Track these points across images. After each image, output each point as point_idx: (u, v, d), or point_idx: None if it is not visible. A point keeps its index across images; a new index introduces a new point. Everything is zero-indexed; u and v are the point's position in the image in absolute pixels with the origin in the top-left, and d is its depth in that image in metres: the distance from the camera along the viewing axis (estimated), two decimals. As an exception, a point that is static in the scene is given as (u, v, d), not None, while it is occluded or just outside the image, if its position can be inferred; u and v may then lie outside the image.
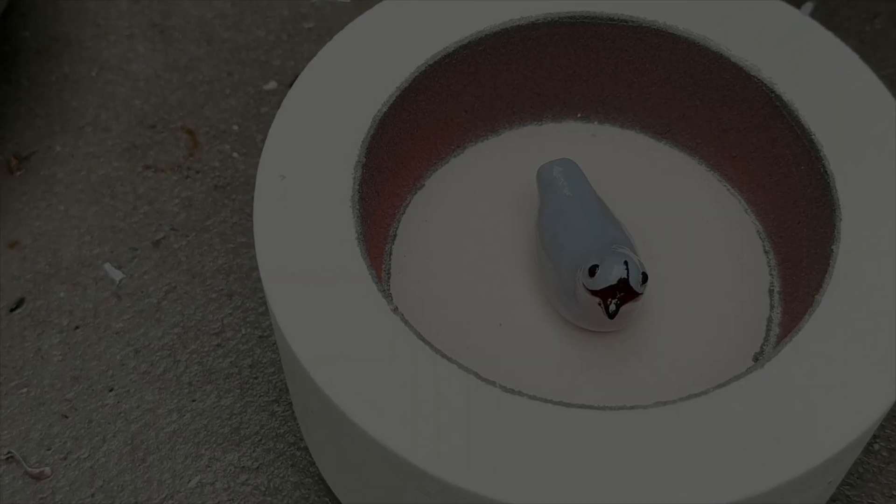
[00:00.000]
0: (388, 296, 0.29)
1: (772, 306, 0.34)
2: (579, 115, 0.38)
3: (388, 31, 0.35)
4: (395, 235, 0.36)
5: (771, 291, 0.34)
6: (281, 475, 0.37)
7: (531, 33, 0.35)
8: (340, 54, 0.34)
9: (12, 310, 0.41)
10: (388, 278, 0.34)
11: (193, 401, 0.38)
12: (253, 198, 0.43)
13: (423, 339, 0.28)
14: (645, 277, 0.30)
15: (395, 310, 0.29)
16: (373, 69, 0.34)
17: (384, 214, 0.35)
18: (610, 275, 0.30)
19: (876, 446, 0.37)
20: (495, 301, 0.34)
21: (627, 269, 0.30)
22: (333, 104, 0.33)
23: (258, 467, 0.37)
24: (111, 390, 0.39)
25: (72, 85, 0.47)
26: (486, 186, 0.37)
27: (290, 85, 0.47)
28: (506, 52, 0.35)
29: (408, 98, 0.34)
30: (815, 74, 0.33)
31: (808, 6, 0.49)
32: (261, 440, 0.37)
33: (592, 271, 0.30)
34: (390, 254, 0.35)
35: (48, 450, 0.37)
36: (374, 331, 0.28)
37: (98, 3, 0.50)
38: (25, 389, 0.39)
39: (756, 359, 0.32)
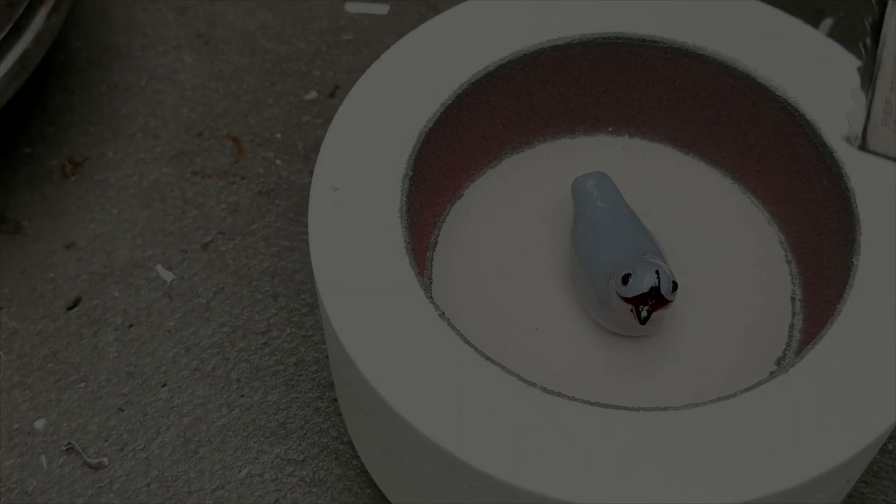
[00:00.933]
0: (434, 302, 0.31)
1: (794, 313, 0.36)
2: (610, 130, 0.40)
3: (432, 49, 0.37)
4: (435, 244, 0.38)
5: (793, 299, 0.36)
6: (325, 468, 0.39)
7: (567, 52, 0.37)
8: (388, 71, 0.36)
9: (69, 308, 0.43)
10: (430, 284, 0.36)
11: (242, 396, 0.41)
12: (296, 203, 0.46)
13: (469, 343, 0.30)
14: (675, 286, 0.32)
15: (442, 315, 0.31)
16: (418, 86, 0.36)
17: (425, 224, 0.37)
18: (642, 283, 0.32)
19: (890, 446, 0.39)
20: (531, 306, 0.36)
21: (659, 277, 0.32)
22: (381, 119, 0.35)
23: (303, 460, 0.39)
24: (164, 386, 0.41)
25: (122, 93, 0.49)
26: (522, 197, 0.39)
27: (331, 95, 0.49)
28: (543, 70, 0.37)
29: (451, 114, 0.36)
30: (836, 93, 0.35)
31: (827, 22, 0.51)
32: (306, 434, 0.40)
33: (625, 280, 0.32)
34: (431, 261, 0.37)
35: (105, 441, 0.40)
36: (422, 335, 0.30)
37: (147, 15, 0.52)
38: (83, 384, 0.41)
39: (779, 363, 0.34)
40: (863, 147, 0.27)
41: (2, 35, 0.40)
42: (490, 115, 0.37)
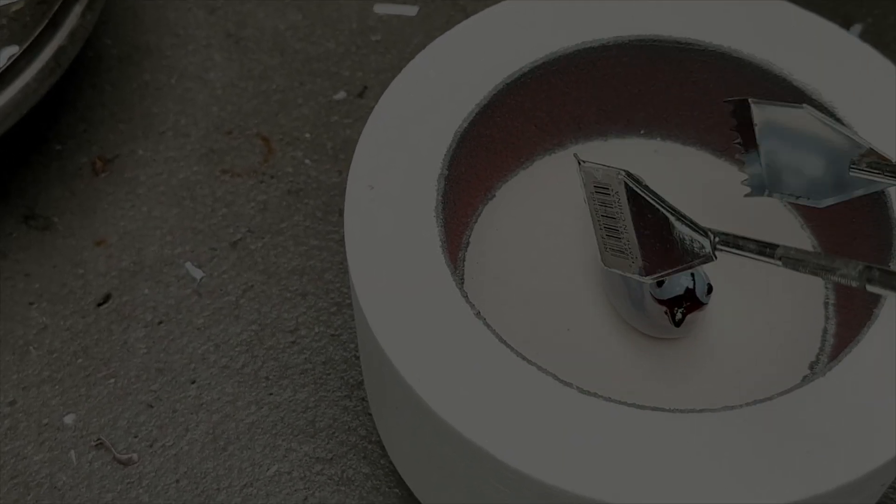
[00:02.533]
0: (470, 302, 0.31)
1: (827, 318, 0.35)
2: (642, 132, 0.40)
3: (466, 50, 0.37)
4: (467, 243, 0.38)
5: (826, 304, 0.36)
6: (353, 466, 0.39)
7: (601, 55, 0.37)
8: (423, 71, 0.36)
9: (100, 304, 0.43)
10: (462, 283, 0.36)
11: (270, 394, 0.41)
12: (324, 202, 0.46)
13: (505, 343, 0.30)
14: (710, 288, 0.32)
15: (478, 314, 0.31)
16: (453, 87, 0.36)
17: (458, 223, 0.37)
18: (677, 285, 0.32)
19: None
20: (562, 306, 0.36)
21: (694, 280, 0.32)
22: (417, 119, 0.35)
23: (332, 458, 0.39)
24: (193, 382, 0.41)
25: (153, 91, 0.49)
26: (553, 198, 0.39)
27: (359, 95, 0.49)
28: (576, 72, 0.37)
29: (485, 115, 0.36)
30: (870, 97, 0.35)
31: (857, 28, 0.51)
32: (334, 433, 0.40)
33: (660, 282, 0.32)
34: (463, 260, 0.37)
35: (135, 437, 0.40)
36: (458, 334, 0.30)
37: (177, 14, 0.52)
38: (113, 380, 0.41)
39: (812, 368, 0.34)
40: (605, 266, 0.33)
41: (37, 31, 0.40)
42: (523, 116, 0.37)
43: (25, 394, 0.41)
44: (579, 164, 0.33)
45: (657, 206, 0.30)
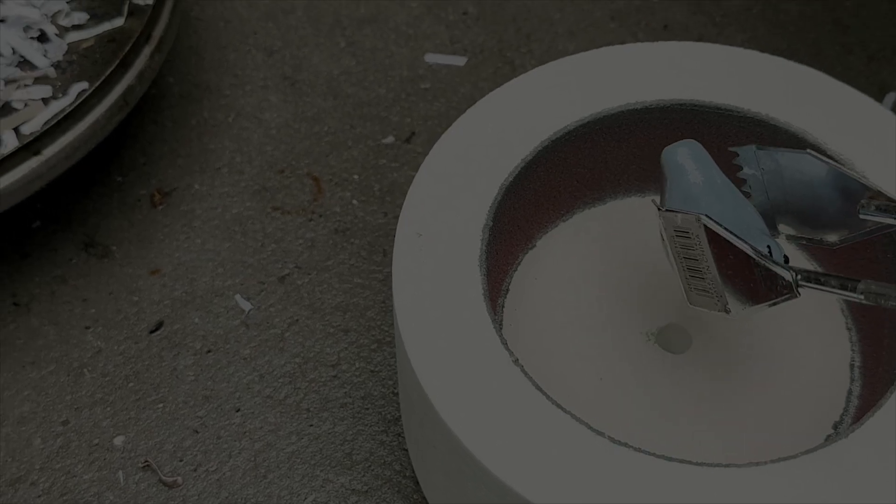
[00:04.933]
0: (509, 349, 0.32)
1: (852, 379, 0.37)
2: (680, 190, 0.41)
3: (515, 106, 0.39)
4: (507, 290, 0.39)
5: (852, 365, 0.37)
6: (388, 499, 0.40)
7: (644, 116, 0.39)
8: (473, 125, 0.38)
9: (152, 331, 0.45)
10: (500, 329, 0.38)
11: (311, 425, 0.42)
12: (369, 242, 0.48)
13: (541, 390, 0.31)
14: (787, 259, 0.32)
15: (516, 361, 0.32)
16: (501, 141, 0.37)
17: (499, 271, 0.39)
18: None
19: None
20: (596, 355, 0.37)
21: (770, 251, 0.32)
22: (465, 171, 0.37)
23: (367, 491, 0.41)
24: (238, 411, 0.43)
25: (210, 129, 0.52)
26: (591, 250, 0.40)
27: (407, 140, 0.51)
28: (619, 132, 0.39)
29: (530, 169, 0.37)
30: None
31: (891, 95, 0.52)
32: (370, 466, 0.41)
33: None
34: (502, 307, 0.39)
35: (180, 461, 0.41)
36: (496, 379, 0.32)
37: (237, 55, 0.54)
38: (162, 405, 0.43)
39: (836, 428, 0.35)
40: (691, 305, 0.34)
41: (108, 71, 0.42)
42: (566, 171, 0.39)
43: (78, 414, 0.43)
44: (658, 210, 0.33)
45: (739, 246, 0.31)
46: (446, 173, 0.37)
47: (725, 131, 0.39)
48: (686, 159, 0.34)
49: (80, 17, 0.49)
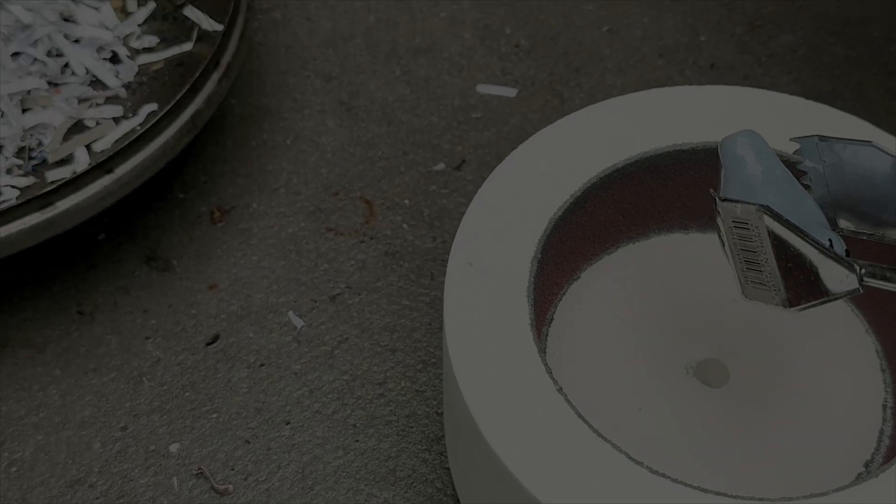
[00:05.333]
0: (553, 377, 0.34)
1: (884, 419, 0.38)
2: (722, 228, 0.43)
3: (566, 143, 0.40)
4: (551, 319, 0.41)
5: (885, 406, 0.38)
6: (429, 516, 0.42)
7: (690, 157, 0.40)
8: (524, 160, 0.40)
9: (208, 344, 0.47)
10: (544, 357, 0.39)
11: (357, 441, 0.44)
12: (418, 266, 0.50)
13: (583, 418, 0.33)
14: (848, 253, 0.32)
15: (560, 390, 0.34)
16: (551, 176, 0.39)
17: (544, 300, 0.40)
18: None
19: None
20: (636, 386, 0.39)
21: (832, 244, 0.31)
22: (517, 204, 0.38)
23: (409, 507, 0.42)
24: (288, 423, 0.45)
25: (269, 150, 0.54)
26: (634, 282, 0.42)
27: (457, 168, 0.53)
28: (666, 171, 0.40)
29: (578, 204, 0.39)
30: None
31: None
32: (413, 483, 0.43)
33: None
34: (546, 335, 0.40)
35: (232, 470, 0.43)
36: (540, 405, 0.33)
37: (297, 80, 0.57)
38: (216, 415, 0.45)
39: (867, 466, 0.36)
40: (746, 298, 0.34)
41: (178, 96, 0.44)
42: (613, 206, 0.41)
43: (136, 421, 0.45)
44: (716, 200, 0.33)
45: (801, 238, 0.30)
46: (498, 205, 0.39)
47: (769, 174, 0.40)
48: (746, 150, 0.33)
49: (151, 40, 0.52)
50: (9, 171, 0.46)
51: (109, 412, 0.45)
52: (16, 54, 0.48)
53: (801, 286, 0.31)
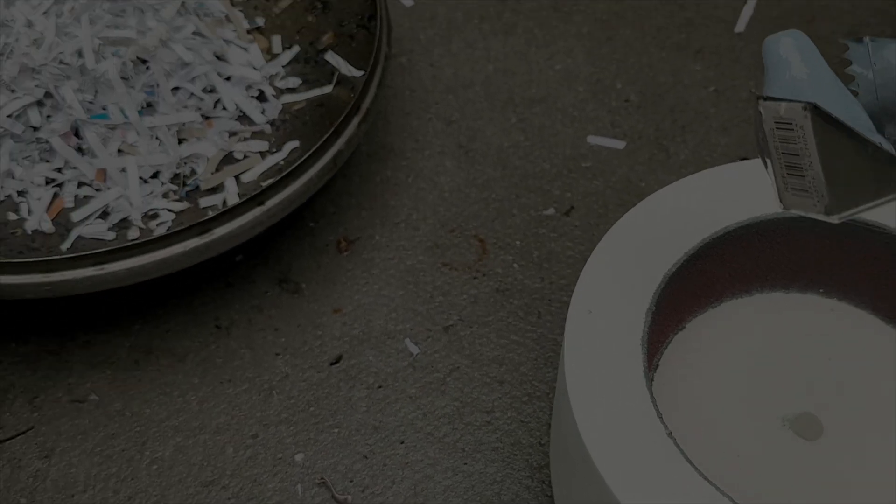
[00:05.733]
0: (664, 422, 0.37)
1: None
2: (821, 291, 0.46)
3: (683, 204, 0.44)
4: (657, 366, 0.44)
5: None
6: (530, 539, 0.45)
7: (797, 224, 0.43)
8: (644, 217, 0.43)
9: (332, 363, 0.51)
10: (655, 402, 0.43)
11: (465, 464, 0.48)
12: (526, 304, 0.53)
13: (690, 462, 0.36)
14: None
15: (670, 434, 0.37)
16: (668, 235, 0.43)
17: (652, 348, 0.43)
18: None
19: None
20: (734, 434, 0.42)
21: (881, 146, 0.30)
22: (634, 258, 0.42)
23: (512, 529, 0.46)
24: (402, 443, 0.49)
25: (392, 187, 0.58)
26: (736, 336, 0.45)
27: (566, 213, 0.57)
28: (773, 235, 0.44)
29: (691, 262, 0.42)
30: None
31: None
32: (516, 507, 0.46)
33: None
34: (652, 380, 0.44)
35: (350, 482, 0.47)
36: (652, 448, 0.37)
37: (419, 122, 0.61)
38: (337, 430, 0.49)
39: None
40: (784, 207, 0.33)
41: (323, 138, 0.49)
42: (722, 265, 0.44)
43: (266, 430, 0.49)
44: (758, 100, 0.31)
45: (850, 137, 0.29)
46: (617, 258, 0.42)
47: (871, 246, 0.43)
48: (790, 51, 0.32)
49: (294, 81, 0.56)
50: (164, 195, 0.51)
51: (242, 420, 0.49)
52: (175, 89, 0.53)
53: (847, 190, 0.30)
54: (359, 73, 0.55)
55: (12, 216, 0.50)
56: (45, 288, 0.44)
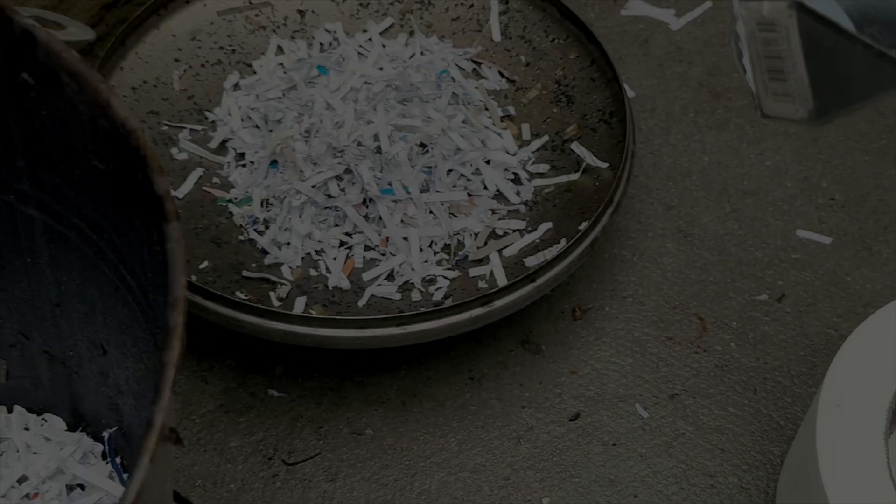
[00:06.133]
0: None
1: None
2: None
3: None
4: (881, 452, 0.50)
5: None
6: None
7: None
8: (885, 323, 0.50)
9: (571, 420, 0.59)
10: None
11: (693, 521, 0.55)
12: (743, 380, 0.60)
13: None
14: None
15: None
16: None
17: (878, 436, 0.50)
18: None
19: None
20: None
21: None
22: (878, 358, 0.48)
23: (735, 582, 0.52)
24: (636, 497, 0.55)
25: (620, 263, 0.65)
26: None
27: (778, 300, 0.63)
28: None
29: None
30: None
31: None
32: (738, 563, 0.53)
33: None
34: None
35: (591, 526, 0.54)
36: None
37: (642, 206, 0.68)
38: (577, 479, 0.56)
39: None
40: (763, 115, 0.32)
41: (584, 227, 0.56)
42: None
43: (516, 474, 0.57)
44: (739, 1, 0.31)
45: (837, 34, 0.28)
46: (862, 358, 0.49)
47: None
48: None
49: (543, 167, 0.64)
50: (438, 263, 0.59)
51: (495, 463, 0.57)
52: (449, 171, 0.61)
53: (833, 90, 0.29)
54: (603, 165, 0.62)
55: (312, 272, 0.59)
56: (357, 341, 0.53)
